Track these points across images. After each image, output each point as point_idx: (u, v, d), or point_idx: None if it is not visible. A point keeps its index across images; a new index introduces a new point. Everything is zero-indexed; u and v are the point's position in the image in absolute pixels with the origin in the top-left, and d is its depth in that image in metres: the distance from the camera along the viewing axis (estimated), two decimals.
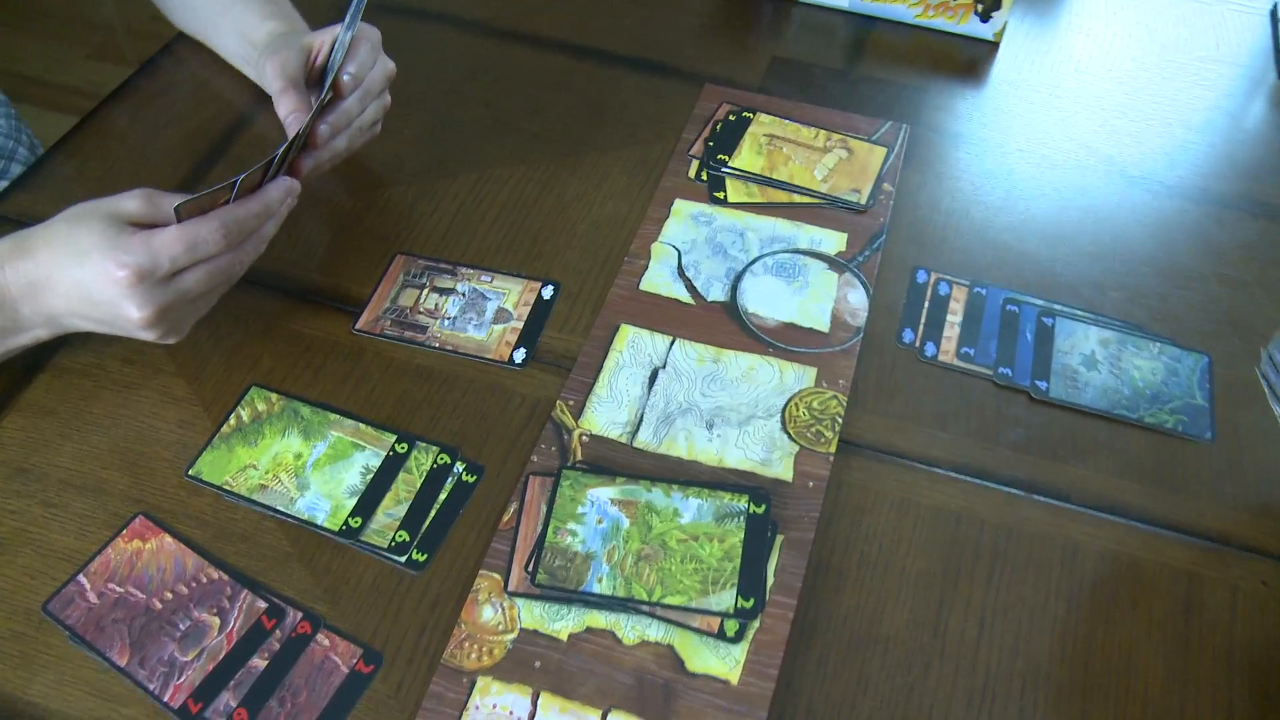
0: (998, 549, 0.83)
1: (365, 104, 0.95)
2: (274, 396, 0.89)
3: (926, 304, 0.98)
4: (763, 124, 1.11)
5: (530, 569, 0.79)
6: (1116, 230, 1.06)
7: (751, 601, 0.79)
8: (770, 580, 0.80)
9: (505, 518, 0.83)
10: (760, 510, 0.83)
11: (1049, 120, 1.17)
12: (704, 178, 1.05)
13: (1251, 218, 1.09)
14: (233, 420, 0.87)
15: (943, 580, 0.81)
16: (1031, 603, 0.80)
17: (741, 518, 0.83)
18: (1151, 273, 1.02)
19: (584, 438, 0.87)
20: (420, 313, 0.95)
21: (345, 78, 0.92)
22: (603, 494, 0.84)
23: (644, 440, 0.87)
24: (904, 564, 0.82)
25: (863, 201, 1.05)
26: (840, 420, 0.88)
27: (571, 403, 0.89)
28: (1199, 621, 0.81)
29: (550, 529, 0.82)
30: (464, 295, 0.96)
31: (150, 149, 1.09)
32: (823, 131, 1.11)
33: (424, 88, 1.13)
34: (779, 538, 0.82)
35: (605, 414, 0.88)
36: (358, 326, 0.94)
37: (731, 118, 1.11)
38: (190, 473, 0.83)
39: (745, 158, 1.08)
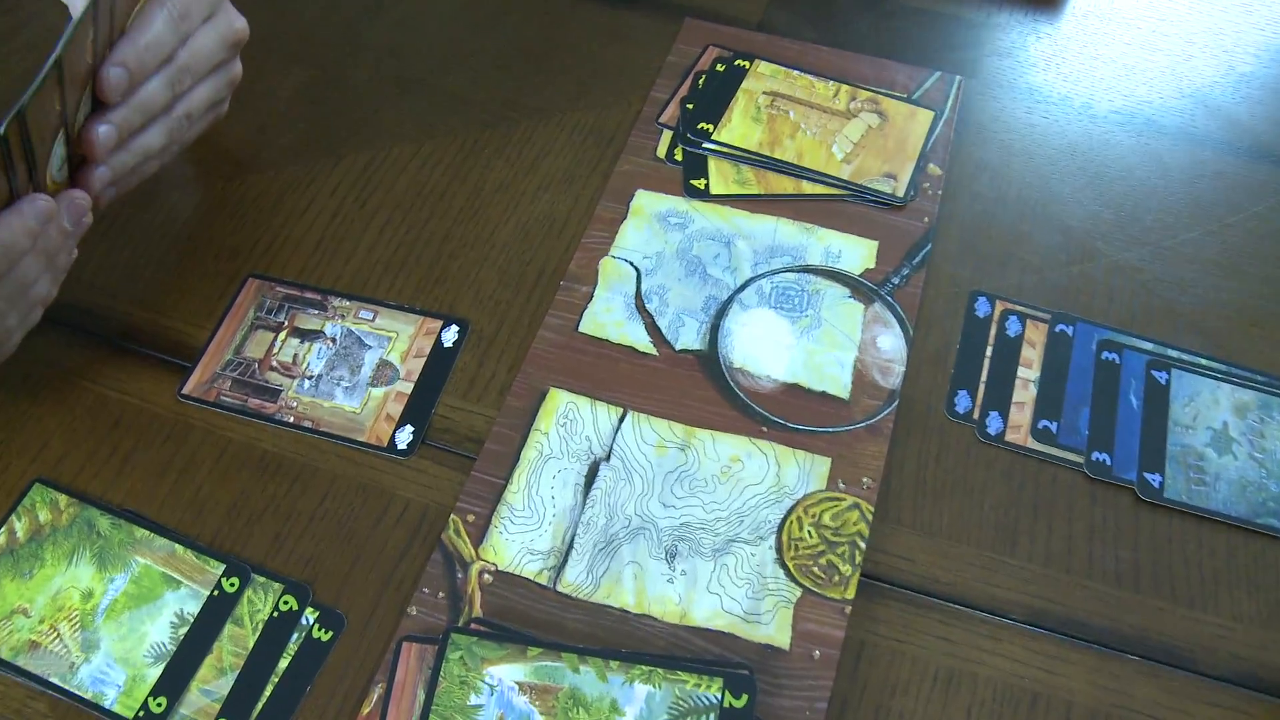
0: None
1: (181, 88, 0.65)
2: (63, 500, 0.65)
3: (989, 350, 0.69)
4: (762, 77, 0.81)
5: None
6: (1249, 231, 0.78)
7: None
8: None
9: (365, 709, 0.57)
10: (741, 704, 0.57)
11: (1153, 67, 0.88)
12: (678, 157, 0.75)
13: None
14: (3, 537, 0.63)
15: None
16: None
17: (711, 716, 0.57)
18: None
19: (486, 576, 0.61)
20: (273, 369, 0.67)
21: (113, 73, 0.61)
22: (508, 674, 0.58)
23: (573, 581, 0.60)
24: None
25: (900, 193, 0.74)
26: (864, 544, 0.60)
27: (472, 517, 0.62)
28: None
29: None
30: (334, 341, 0.68)
31: None
32: (845, 87, 0.81)
33: (308, 31, 0.85)
34: None
35: (519, 537, 0.61)
36: (185, 390, 0.69)
37: (720, 68, 0.83)
38: None
39: (737, 128, 0.78)
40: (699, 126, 0.79)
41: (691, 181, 0.77)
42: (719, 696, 0.57)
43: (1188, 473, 0.66)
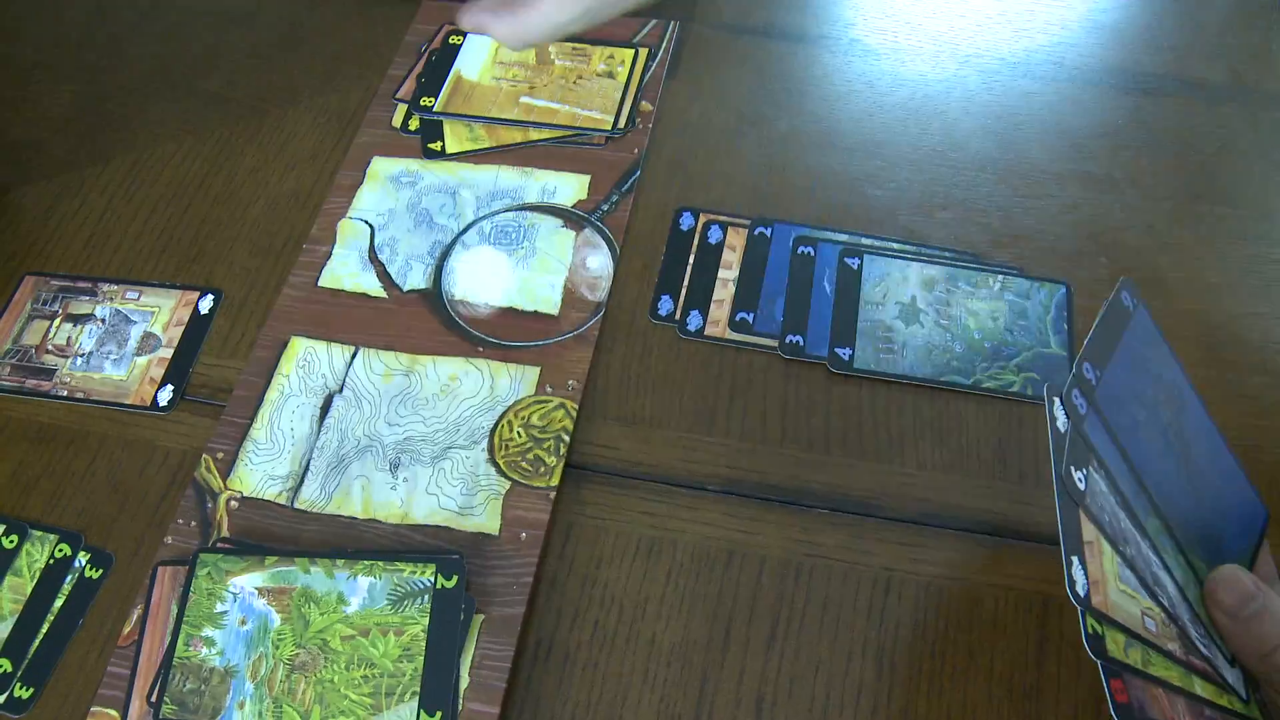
0: (783, 596, 0.64)
1: None
2: None
3: (692, 258, 0.75)
4: (491, 47, 0.86)
5: (154, 700, 0.61)
6: (945, 129, 0.85)
7: (438, 716, 0.59)
8: (465, 681, 0.61)
9: (126, 629, 0.64)
10: (451, 584, 0.63)
11: None
12: (413, 127, 0.82)
13: (1120, 93, 0.84)
14: None
15: (707, 650, 0.62)
16: (829, 668, 0.61)
17: (426, 597, 0.63)
18: (991, 180, 0.80)
19: (233, 503, 0.67)
20: (49, 351, 0.73)
21: None
22: (248, 582, 0.64)
23: (308, 498, 0.66)
24: (654, 633, 0.63)
25: (613, 127, 0.80)
26: (568, 438, 0.66)
27: (221, 454, 0.68)
28: (1056, 665, 0.61)
29: (180, 639, 0.63)
30: (104, 321, 0.74)
31: None
32: (567, 44, 0.87)
33: (79, 42, 0.90)
34: (477, 618, 0.63)
35: (261, 467, 0.67)
36: None
37: (453, 41, 0.86)
38: None
39: (467, 95, 0.84)
40: (421, 101, 0.86)
41: (429, 145, 0.84)
42: (432, 580, 0.63)
43: (876, 344, 0.72)
